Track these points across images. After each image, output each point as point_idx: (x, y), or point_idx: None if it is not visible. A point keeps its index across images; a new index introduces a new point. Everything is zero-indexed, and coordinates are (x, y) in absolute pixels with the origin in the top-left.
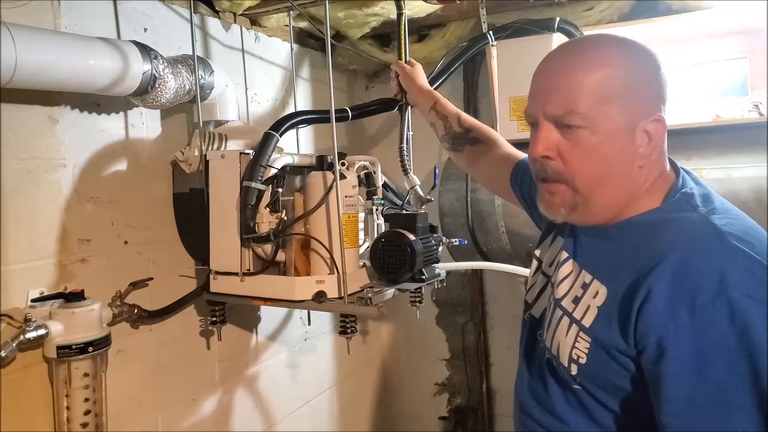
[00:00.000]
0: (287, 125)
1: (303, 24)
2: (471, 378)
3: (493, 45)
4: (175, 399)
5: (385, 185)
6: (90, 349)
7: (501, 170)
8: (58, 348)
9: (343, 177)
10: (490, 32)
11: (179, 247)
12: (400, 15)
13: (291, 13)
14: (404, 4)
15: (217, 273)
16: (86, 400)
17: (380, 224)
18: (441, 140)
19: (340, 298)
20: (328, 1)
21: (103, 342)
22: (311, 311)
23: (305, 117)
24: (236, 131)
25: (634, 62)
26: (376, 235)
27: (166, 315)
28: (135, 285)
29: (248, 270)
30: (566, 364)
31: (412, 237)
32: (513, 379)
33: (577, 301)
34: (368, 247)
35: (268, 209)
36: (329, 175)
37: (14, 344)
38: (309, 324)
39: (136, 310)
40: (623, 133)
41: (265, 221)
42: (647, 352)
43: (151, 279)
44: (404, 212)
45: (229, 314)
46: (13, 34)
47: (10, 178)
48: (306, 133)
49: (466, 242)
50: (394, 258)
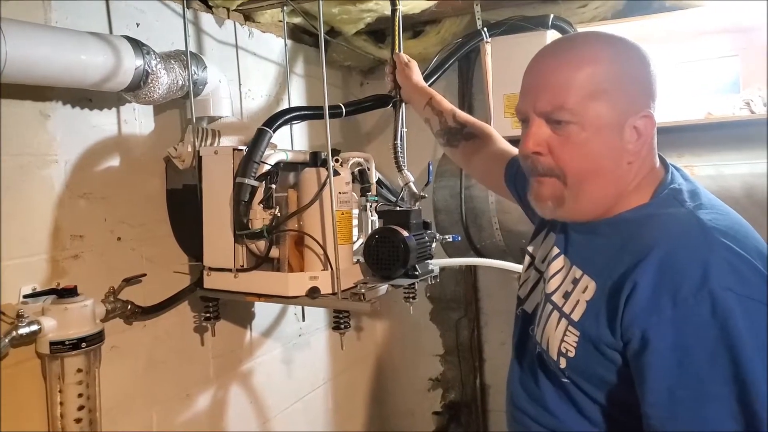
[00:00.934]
0: (281, 121)
1: (297, 20)
2: (465, 373)
3: (487, 42)
4: (169, 395)
5: (379, 182)
6: (83, 344)
7: (496, 166)
8: (51, 344)
9: (336, 173)
10: (485, 29)
11: (173, 243)
12: (394, 11)
13: (285, 8)
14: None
15: (211, 269)
16: (80, 395)
17: (374, 221)
18: (436, 136)
19: (334, 294)
20: None
21: (97, 338)
22: (305, 307)
23: (299, 113)
24: (229, 127)
25: (622, 59)
26: (370, 232)
27: (160, 311)
28: (128, 281)
29: (242, 266)
30: (555, 358)
31: (405, 233)
32: (506, 375)
33: (567, 296)
34: (362, 244)
35: (261, 205)
36: (323, 172)
37: (7, 340)
38: (303, 320)
39: (129, 306)
40: (612, 129)
41: (259, 217)
42: (632, 344)
43: (145, 275)
44: (398, 209)
45: (222, 310)
46: (3, 28)
47: (2, 174)
48: (300, 129)
49: (459, 239)
50: (387, 254)
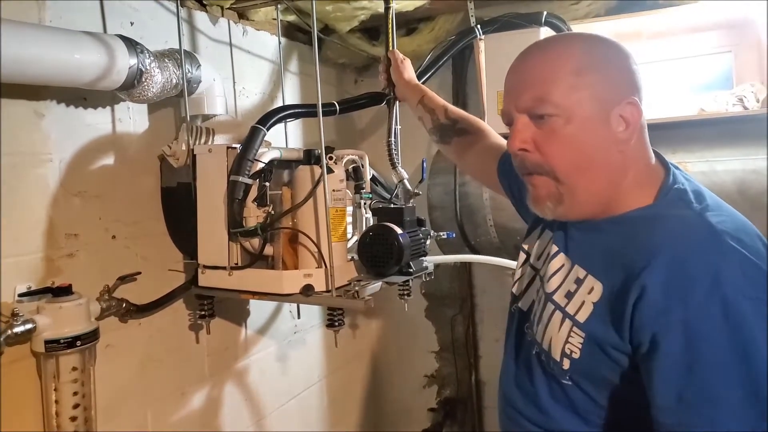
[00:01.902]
0: (275, 119)
1: (291, 17)
2: (460, 370)
3: (481, 39)
4: (164, 393)
5: (373, 179)
6: (78, 343)
7: (489, 161)
8: (46, 342)
9: (330, 171)
10: (478, 26)
11: (167, 241)
12: (388, 8)
13: (279, 6)
14: None
15: (205, 267)
16: (75, 394)
17: (368, 218)
18: (429, 133)
19: (328, 291)
20: None
21: (92, 336)
22: (301, 305)
23: (293, 111)
24: (224, 125)
25: (599, 51)
26: (364, 229)
27: (155, 309)
28: (123, 279)
29: (236, 264)
30: (558, 359)
31: (399, 230)
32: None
33: (570, 296)
34: (356, 241)
35: (255, 203)
36: (317, 169)
37: (2, 339)
38: (298, 317)
39: (124, 305)
40: (597, 119)
41: (253, 215)
42: (641, 348)
43: (140, 273)
44: (392, 206)
45: (217, 308)
46: None
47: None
48: (294, 127)
49: (454, 235)
50: (381, 251)
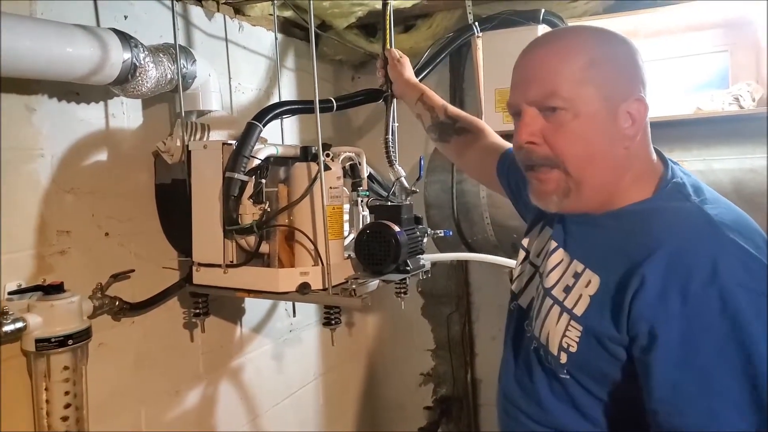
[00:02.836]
0: (271, 115)
1: (287, 13)
2: (456, 368)
3: (478, 36)
4: (158, 392)
5: (370, 177)
6: (70, 342)
7: (488, 160)
8: (37, 341)
9: (327, 168)
10: (476, 23)
11: (161, 238)
12: (385, 5)
13: (275, 1)
14: None
15: (200, 265)
16: (66, 393)
17: (365, 216)
18: (428, 131)
19: (325, 289)
20: None
21: (84, 335)
22: (296, 303)
23: (289, 107)
24: (219, 121)
25: (609, 46)
26: (361, 227)
27: (149, 307)
28: (116, 277)
29: (231, 262)
30: (555, 353)
31: (396, 228)
32: (497, 369)
33: (568, 290)
34: (353, 239)
35: (251, 200)
36: (314, 167)
37: None
38: (294, 316)
39: (117, 303)
40: (605, 114)
41: (249, 212)
42: (639, 339)
43: (133, 271)
44: (389, 204)
45: (212, 306)
46: None
47: None
48: (290, 123)
49: (451, 233)
50: (378, 249)
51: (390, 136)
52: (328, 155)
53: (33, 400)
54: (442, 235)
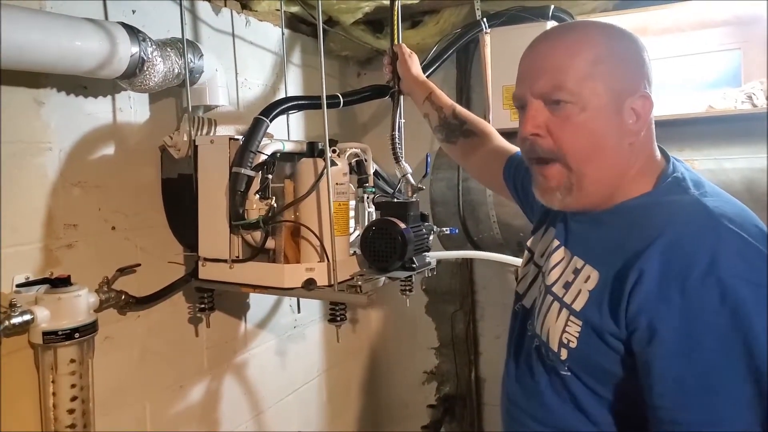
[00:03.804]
0: (277, 111)
1: (294, 9)
2: (460, 366)
3: (486, 32)
4: (163, 386)
5: (376, 173)
6: (76, 335)
7: (494, 163)
8: (44, 334)
9: (334, 164)
10: (484, 19)
11: (167, 233)
12: (393, 1)
13: None
14: None
15: (206, 260)
16: (73, 386)
17: (371, 212)
18: (435, 131)
19: (330, 285)
20: None
21: (90, 328)
22: (300, 299)
23: (296, 103)
24: (226, 116)
25: (615, 41)
26: (366, 224)
27: (154, 301)
28: (122, 271)
29: (237, 257)
30: (556, 349)
31: (403, 225)
32: (502, 369)
33: (567, 286)
34: (359, 236)
35: (257, 196)
36: (320, 162)
37: None
38: (298, 312)
39: (123, 297)
40: (610, 109)
41: (255, 208)
42: (638, 333)
43: (139, 265)
44: (395, 200)
45: (217, 301)
46: None
47: None
48: (297, 119)
49: (457, 231)
50: (384, 246)
51: (396, 133)
52: (334, 151)
53: (40, 392)
54: (447, 232)
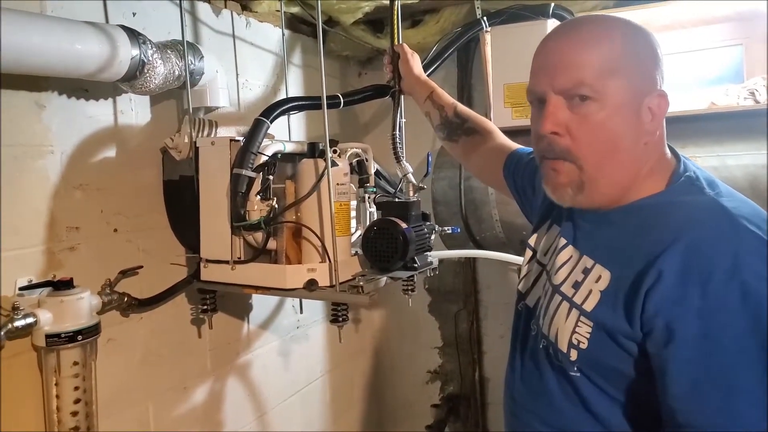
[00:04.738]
0: (278, 111)
1: (294, 9)
2: (463, 366)
3: (487, 31)
4: (166, 387)
5: (377, 173)
6: (79, 337)
7: (495, 161)
8: (47, 336)
9: (334, 164)
10: (485, 18)
11: (169, 234)
12: (393, 0)
13: None
14: None
15: (208, 261)
16: (76, 388)
17: (372, 212)
18: (436, 130)
19: (332, 286)
20: None
21: (93, 330)
22: (303, 299)
23: (296, 103)
24: (226, 118)
25: (634, 38)
26: (368, 224)
27: (157, 303)
28: (125, 273)
29: (239, 258)
30: (565, 350)
31: (404, 225)
32: (505, 368)
33: (577, 286)
34: (360, 236)
35: (258, 197)
36: (321, 163)
37: (2, 333)
38: (301, 312)
39: (126, 299)
40: (629, 108)
41: (256, 209)
42: (654, 334)
43: (141, 267)
44: (397, 200)
45: (220, 302)
46: None
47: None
48: (297, 120)
49: (459, 230)
50: (386, 246)
51: (397, 132)
52: (335, 151)
53: (43, 395)
54: (449, 232)
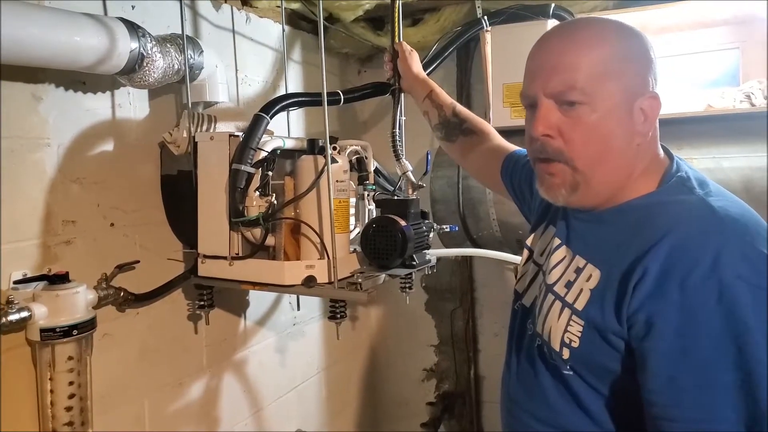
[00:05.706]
0: (278, 107)
1: (295, 5)
2: (459, 364)
3: (487, 30)
4: (161, 383)
5: (376, 170)
6: (74, 332)
7: (492, 161)
8: (42, 331)
9: (334, 161)
10: (485, 17)
11: (167, 229)
12: None
13: None
14: None
15: (206, 256)
16: (71, 383)
17: (371, 210)
18: (434, 129)
19: (330, 283)
20: None
21: (89, 325)
22: (300, 296)
23: (296, 99)
24: (226, 113)
25: (627, 40)
26: (367, 221)
27: (153, 298)
28: (121, 268)
29: (237, 254)
30: (558, 349)
31: (403, 223)
32: (501, 366)
33: (569, 285)
34: (359, 233)
35: (257, 193)
36: (320, 159)
37: None
38: (298, 309)
39: (122, 294)
40: (622, 110)
41: (255, 205)
42: (635, 328)
43: (138, 262)
44: (396, 198)
45: (217, 298)
46: None
47: None
48: (297, 116)
49: (456, 229)
50: (384, 244)
51: (397, 130)
52: (335, 148)
53: (37, 390)
54: (447, 230)
